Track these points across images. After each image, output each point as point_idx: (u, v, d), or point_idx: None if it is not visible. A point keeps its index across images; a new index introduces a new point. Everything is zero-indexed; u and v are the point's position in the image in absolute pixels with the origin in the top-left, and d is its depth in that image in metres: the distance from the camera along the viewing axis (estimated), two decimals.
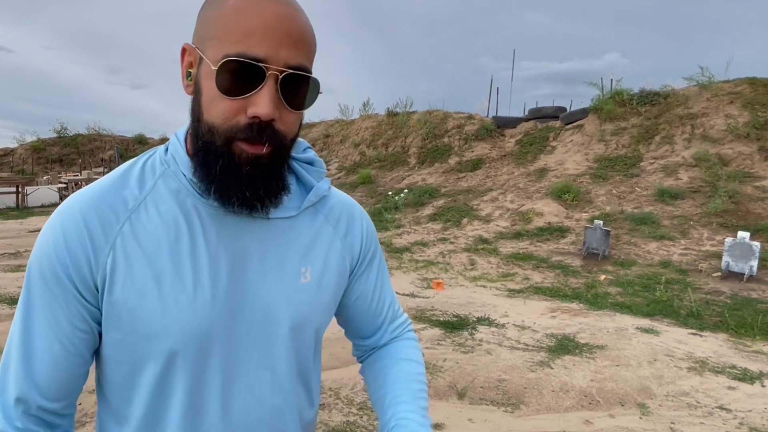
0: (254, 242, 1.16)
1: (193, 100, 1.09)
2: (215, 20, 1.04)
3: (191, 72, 1.09)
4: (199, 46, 1.06)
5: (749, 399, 5.84)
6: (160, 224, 1.10)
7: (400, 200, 17.84)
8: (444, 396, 5.70)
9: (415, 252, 13.73)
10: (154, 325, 1.08)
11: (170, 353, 1.10)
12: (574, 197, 14.98)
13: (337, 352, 6.78)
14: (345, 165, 24.44)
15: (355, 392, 5.66)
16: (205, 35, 1.05)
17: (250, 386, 1.18)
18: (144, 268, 1.08)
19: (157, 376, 1.12)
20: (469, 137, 21.62)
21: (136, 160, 1.18)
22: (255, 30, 1.00)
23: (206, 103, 1.04)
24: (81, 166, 34.67)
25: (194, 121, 1.09)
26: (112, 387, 1.16)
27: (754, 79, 16.79)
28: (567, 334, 7.81)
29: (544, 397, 5.76)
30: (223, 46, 1.01)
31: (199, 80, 1.06)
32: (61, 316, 1.08)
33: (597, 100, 18.93)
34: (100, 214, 1.08)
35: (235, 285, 1.13)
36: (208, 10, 1.07)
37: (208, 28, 1.05)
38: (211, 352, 1.13)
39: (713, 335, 8.05)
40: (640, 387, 6.05)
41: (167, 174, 1.14)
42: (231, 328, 1.14)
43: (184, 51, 1.10)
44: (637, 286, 10.37)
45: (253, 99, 1.01)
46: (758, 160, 14.43)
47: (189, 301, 1.09)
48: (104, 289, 1.07)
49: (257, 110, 1.01)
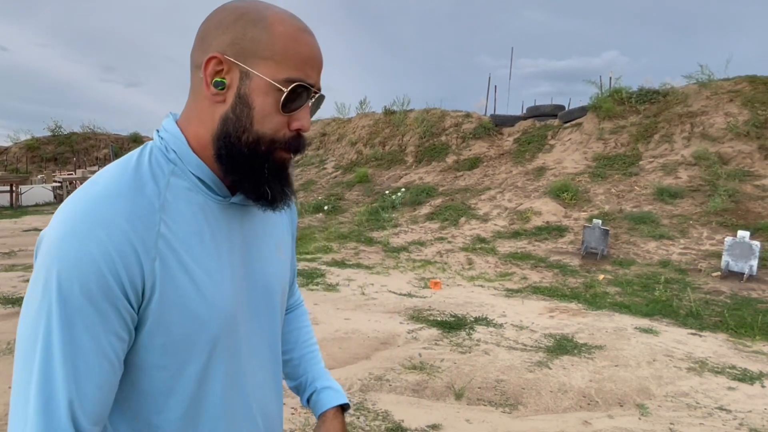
0: (248, 229, 1.33)
1: (232, 111, 1.18)
2: (267, 42, 1.15)
3: (224, 81, 1.17)
4: (243, 62, 1.16)
5: (749, 399, 5.84)
6: (183, 221, 1.18)
7: (397, 199, 17.83)
8: (441, 396, 5.69)
9: (412, 251, 13.72)
10: (201, 317, 1.17)
11: (213, 342, 1.20)
12: (572, 196, 14.97)
13: (333, 352, 6.78)
14: (341, 164, 24.41)
15: (352, 393, 5.64)
16: (255, 53, 1.15)
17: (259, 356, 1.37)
18: (183, 265, 1.15)
19: (199, 372, 1.21)
20: (467, 136, 21.60)
21: (136, 158, 1.21)
22: (308, 60, 1.19)
23: (259, 116, 1.17)
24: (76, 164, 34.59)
25: (236, 130, 1.18)
26: (145, 397, 1.19)
27: (754, 77, 16.77)
28: (565, 334, 7.81)
29: (542, 397, 5.75)
30: (282, 70, 1.16)
31: (247, 93, 1.16)
32: (109, 331, 1.07)
33: (596, 99, 18.88)
34: (140, 219, 1.11)
35: (245, 267, 1.30)
36: (251, 29, 1.16)
37: (257, 47, 1.15)
38: (239, 333, 1.28)
39: (713, 335, 8.05)
40: (639, 387, 6.05)
41: (176, 172, 1.20)
42: (248, 306, 1.31)
43: (214, 60, 1.17)
44: (636, 285, 10.37)
45: (299, 115, 1.21)
46: (758, 158, 14.43)
47: (220, 288, 1.21)
48: (153, 294, 1.11)
49: (303, 125, 1.21)
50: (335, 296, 9.74)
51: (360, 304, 9.31)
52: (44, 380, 1.02)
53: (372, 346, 7.13)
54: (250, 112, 1.16)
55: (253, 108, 1.16)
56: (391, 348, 7.11)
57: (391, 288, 10.61)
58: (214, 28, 1.19)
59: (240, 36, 1.16)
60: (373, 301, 9.50)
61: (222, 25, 1.18)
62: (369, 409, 5.27)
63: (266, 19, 1.16)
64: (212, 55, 1.16)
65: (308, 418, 5.02)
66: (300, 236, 15.74)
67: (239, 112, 1.17)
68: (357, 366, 6.47)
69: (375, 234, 15.38)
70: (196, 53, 1.22)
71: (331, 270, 12.06)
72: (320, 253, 14.01)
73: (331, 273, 11.73)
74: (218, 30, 1.18)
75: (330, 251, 14.11)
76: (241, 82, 1.16)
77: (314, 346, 1.73)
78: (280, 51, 1.15)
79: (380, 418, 5.10)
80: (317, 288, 10.30)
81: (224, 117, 1.18)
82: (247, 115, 1.16)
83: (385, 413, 5.19)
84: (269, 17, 1.17)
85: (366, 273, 12.00)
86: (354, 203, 19.20)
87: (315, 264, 12.67)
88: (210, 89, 1.18)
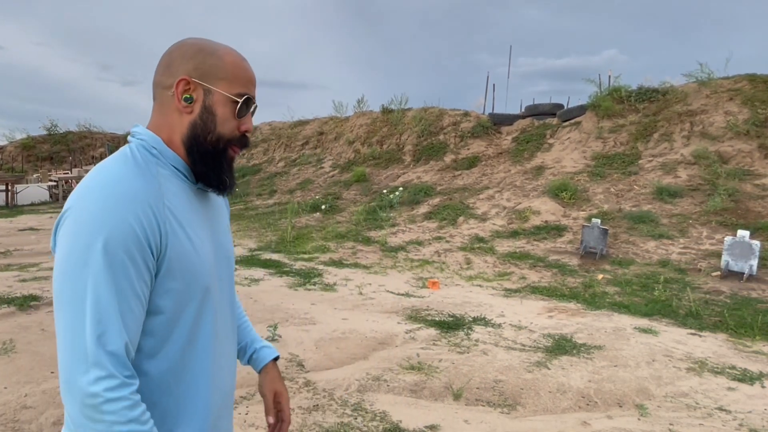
0: (210, 209, 1.72)
1: (199, 118, 1.57)
2: (221, 67, 1.57)
3: (191, 97, 1.56)
4: (206, 82, 1.56)
5: (749, 400, 5.84)
6: (175, 197, 1.54)
7: (395, 198, 17.82)
8: (440, 397, 5.69)
9: (410, 251, 13.72)
10: (197, 269, 1.54)
11: (205, 289, 1.57)
12: (571, 195, 14.97)
13: (331, 352, 6.78)
14: (339, 163, 24.41)
15: (349, 393, 5.64)
16: (213, 75, 1.57)
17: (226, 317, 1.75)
18: (183, 229, 1.52)
19: (192, 320, 1.55)
20: (465, 135, 21.60)
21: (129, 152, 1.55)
22: (250, 80, 1.63)
23: (221, 121, 1.58)
24: (71, 163, 34.61)
25: (203, 132, 1.58)
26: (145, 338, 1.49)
27: (754, 76, 16.78)
28: (564, 334, 7.81)
29: (541, 398, 5.75)
30: (234, 87, 1.58)
31: (211, 105, 1.57)
32: (141, 279, 1.42)
33: (595, 97, 18.90)
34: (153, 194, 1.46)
35: (214, 237, 1.69)
36: (209, 58, 1.57)
37: (216, 72, 1.57)
38: (218, 287, 1.67)
39: (712, 335, 8.06)
40: (639, 388, 6.05)
41: (159, 164, 1.56)
42: (219, 268, 1.69)
43: (183, 81, 1.55)
44: (635, 285, 10.37)
45: (246, 120, 1.64)
46: (758, 157, 14.43)
47: (206, 250, 1.60)
48: (165, 249, 1.46)
49: (249, 127, 1.65)
50: (333, 296, 9.73)
51: (357, 304, 9.30)
52: (98, 318, 1.34)
53: (370, 346, 7.13)
54: (214, 118, 1.57)
55: (216, 115, 1.58)
56: (388, 348, 7.11)
57: (389, 288, 10.60)
58: (179, 58, 1.58)
59: (200, 63, 1.56)
60: (370, 301, 9.50)
61: (185, 55, 1.57)
62: (367, 410, 5.27)
63: (218, 51, 1.59)
64: (182, 78, 1.55)
65: (305, 418, 5.01)
66: (297, 236, 15.75)
67: (205, 118, 1.57)
68: (354, 366, 6.46)
69: (372, 233, 15.37)
70: (163, 77, 1.59)
71: (329, 270, 12.07)
72: (317, 252, 14.01)
73: (329, 273, 11.74)
74: (183, 59, 1.57)
75: (327, 251, 14.11)
76: (206, 97, 1.57)
77: (245, 317, 2.12)
78: (231, 73, 1.58)
79: (378, 418, 5.09)
80: (314, 288, 10.30)
81: (193, 123, 1.57)
82: (211, 121, 1.57)
83: (382, 414, 5.19)
84: (220, 51, 1.59)
85: (364, 273, 12.00)
86: (351, 203, 19.19)
87: (312, 264, 12.67)
88: (181, 103, 1.56)
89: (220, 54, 1.58)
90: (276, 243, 15.19)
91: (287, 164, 26.79)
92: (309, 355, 6.70)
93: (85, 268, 1.35)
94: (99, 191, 1.40)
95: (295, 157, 27.40)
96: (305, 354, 6.73)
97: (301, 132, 29.10)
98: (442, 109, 23.85)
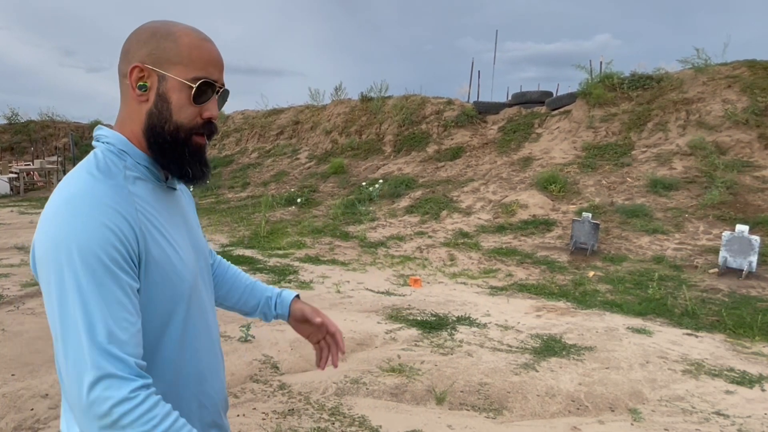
0: (182, 207, 1.78)
1: (154, 106, 1.58)
2: (175, 51, 1.57)
3: (146, 85, 1.57)
4: (159, 68, 1.56)
5: (748, 404, 5.88)
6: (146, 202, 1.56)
7: (375, 191, 17.80)
8: (421, 401, 5.68)
9: (390, 247, 13.71)
10: (180, 273, 1.59)
11: (190, 291, 1.63)
12: (560, 188, 15.01)
13: (307, 353, 6.76)
14: (315, 153, 24.33)
15: (326, 397, 5.63)
16: (167, 60, 1.56)
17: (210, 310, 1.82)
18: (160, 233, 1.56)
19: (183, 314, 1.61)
20: (449, 124, 21.59)
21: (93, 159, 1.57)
22: (210, 62, 1.61)
23: (176, 108, 1.58)
24: (33, 154, 34.27)
25: (159, 122, 1.58)
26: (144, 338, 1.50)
27: (754, 62, 16.85)
28: (553, 334, 7.83)
29: (528, 402, 5.76)
30: (190, 71, 1.57)
31: (165, 92, 1.57)
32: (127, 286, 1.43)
33: (585, 85, 18.91)
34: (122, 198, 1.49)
35: (191, 236, 1.75)
36: (163, 42, 1.57)
37: (169, 55, 1.56)
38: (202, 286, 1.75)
39: (710, 336, 8.11)
40: (632, 391, 6.07)
41: (128, 166, 1.58)
42: (199, 266, 1.76)
43: (136, 68, 1.57)
44: (628, 283, 10.42)
45: (208, 106, 1.62)
46: (758, 148, 14.52)
47: (187, 252, 1.66)
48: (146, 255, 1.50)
49: (212, 113, 1.63)
50: (309, 294, 9.69)
51: (335, 302, 9.28)
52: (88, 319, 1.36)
53: (348, 347, 7.09)
54: (168, 106, 1.57)
55: (170, 102, 1.57)
56: (368, 349, 7.09)
57: (369, 286, 10.59)
58: (134, 43, 1.60)
59: (154, 48, 1.57)
60: (348, 300, 9.48)
61: (140, 41, 1.59)
62: (345, 414, 5.25)
63: (174, 34, 1.58)
64: (135, 65, 1.57)
65: (280, 423, 5.00)
66: (271, 230, 15.69)
67: (160, 107, 1.58)
68: (332, 368, 6.44)
69: (351, 228, 15.34)
70: (122, 65, 1.62)
71: (305, 266, 12.03)
72: (293, 248, 13.97)
73: (305, 270, 11.70)
74: (137, 45, 1.59)
75: (303, 246, 14.07)
76: (160, 83, 1.57)
77: (251, 278, 2.25)
78: (186, 56, 1.57)
79: (356, 423, 5.08)
80: (289, 286, 10.25)
81: (149, 112, 1.59)
82: (166, 109, 1.57)
83: (361, 419, 5.18)
84: (176, 32, 1.59)
85: (341, 270, 11.97)
86: (329, 196, 19.14)
87: (287, 260, 12.63)
88: (135, 92, 1.58)
89: (176, 36, 1.59)
90: (249, 238, 15.09)
91: (261, 155, 26.63)
92: (284, 357, 6.67)
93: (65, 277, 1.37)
94: (65, 207, 1.43)
95: (269, 147, 27.24)
96: (280, 356, 6.70)
97: (275, 121, 28.94)
98: (425, 97, 23.79)
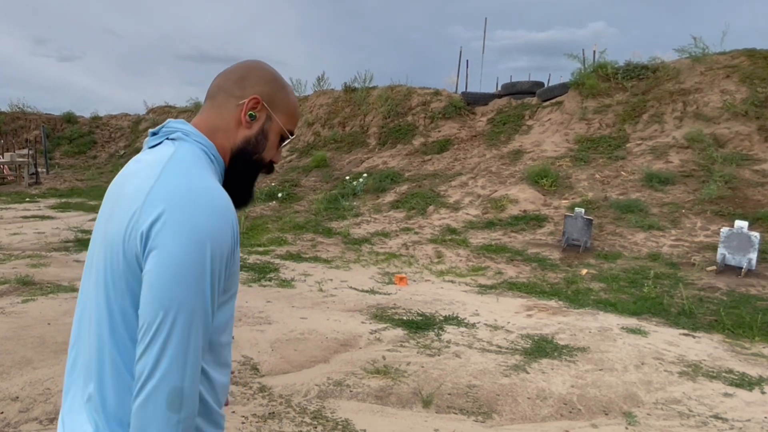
0: None
1: (254, 136, 1.87)
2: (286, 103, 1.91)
3: (255, 115, 1.85)
4: (271, 108, 1.87)
5: (747, 407, 5.91)
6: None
7: (359, 186, 17.80)
8: (407, 404, 5.68)
9: (375, 243, 13.72)
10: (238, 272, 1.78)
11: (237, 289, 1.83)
12: (552, 182, 15.05)
13: (288, 354, 6.75)
14: (297, 146, 24.30)
15: (308, 400, 5.62)
16: (278, 107, 1.89)
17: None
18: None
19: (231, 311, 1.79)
20: (436, 115, 21.61)
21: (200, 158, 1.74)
22: (297, 121, 2.02)
23: (269, 146, 1.90)
24: (3, 147, 34.00)
25: (253, 150, 1.88)
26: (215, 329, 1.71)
27: (753, 51, 16.91)
28: (544, 334, 7.84)
29: (519, 405, 5.76)
30: (290, 122, 1.94)
31: (267, 130, 1.89)
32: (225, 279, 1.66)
33: (578, 74, 18.98)
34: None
35: None
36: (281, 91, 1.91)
37: (282, 105, 1.90)
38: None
39: (707, 336, 8.14)
40: (626, 394, 6.08)
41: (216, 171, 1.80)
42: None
43: (257, 100, 1.84)
44: (622, 281, 10.45)
45: (280, 151, 1.99)
46: (757, 140, 14.59)
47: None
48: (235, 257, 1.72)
49: (278, 159, 2.00)
50: (290, 293, 9.69)
51: (318, 301, 9.27)
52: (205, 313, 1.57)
53: (331, 348, 7.10)
54: (266, 142, 1.89)
55: (268, 140, 1.90)
56: (352, 350, 7.08)
57: (352, 284, 10.58)
58: (255, 78, 1.87)
59: (273, 91, 1.88)
60: (332, 299, 9.47)
61: (262, 79, 1.88)
62: (327, 418, 5.24)
63: (287, 88, 1.94)
64: (255, 96, 1.84)
65: (260, 427, 4.98)
66: (251, 226, 15.66)
67: (259, 139, 1.88)
68: (314, 370, 6.43)
69: (334, 224, 15.33)
70: (234, 87, 1.86)
71: (286, 264, 12.02)
72: (273, 245, 13.95)
73: (286, 267, 11.69)
74: (258, 80, 1.87)
75: (284, 243, 14.05)
76: (266, 121, 1.88)
77: None
78: (291, 112, 1.94)
79: (340, 427, 5.07)
80: (270, 284, 10.25)
81: (247, 138, 1.86)
82: (262, 143, 1.89)
83: (345, 422, 5.17)
84: (288, 88, 1.95)
85: (324, 267, 11.97)
86: (311, 190, 19.11)
87: (268, 257, 12.61)
88: (245, 117, 1.83)
89: (288, 91, 1.95)
90: None
91: None
92: (264, 358, 6.65)
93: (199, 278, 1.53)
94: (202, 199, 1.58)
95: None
96: (260, 357, 6.68)
97: None
98: (411, 87, 23.81)
